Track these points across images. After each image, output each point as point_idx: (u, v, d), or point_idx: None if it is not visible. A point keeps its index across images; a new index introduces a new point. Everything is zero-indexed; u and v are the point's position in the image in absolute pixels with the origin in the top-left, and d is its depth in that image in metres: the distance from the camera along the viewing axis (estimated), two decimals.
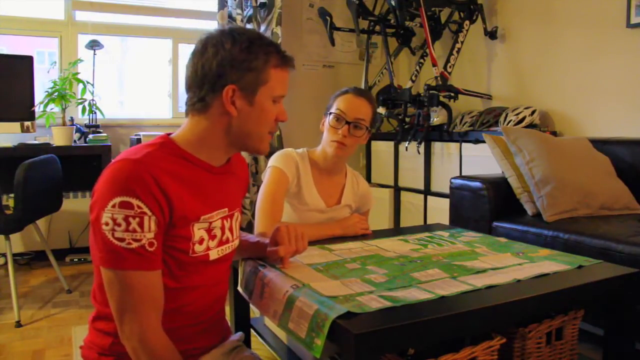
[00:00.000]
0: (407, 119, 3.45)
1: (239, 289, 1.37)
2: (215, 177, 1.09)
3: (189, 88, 1.06)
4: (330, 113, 1.66)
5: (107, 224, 0.91)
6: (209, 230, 1.06)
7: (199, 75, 1.03)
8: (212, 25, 3.71)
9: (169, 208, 0.96)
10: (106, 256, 0.93)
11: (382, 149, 3.69)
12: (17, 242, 3.14)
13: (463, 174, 2.96)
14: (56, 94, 2.93)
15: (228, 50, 1.02)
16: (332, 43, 3.56)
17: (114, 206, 0.91)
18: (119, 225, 0.91)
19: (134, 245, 0.92)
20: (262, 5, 3.55)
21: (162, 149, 1.02)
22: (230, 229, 1.14)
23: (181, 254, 1.02)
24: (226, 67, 1.02)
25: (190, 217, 1.01)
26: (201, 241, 1.05)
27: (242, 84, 1.03)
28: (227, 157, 1.13)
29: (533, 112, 2.90)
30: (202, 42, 1.05)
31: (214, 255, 1.08)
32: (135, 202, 0.92)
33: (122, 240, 0.92)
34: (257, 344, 1.74)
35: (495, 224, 2.23)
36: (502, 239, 1.62)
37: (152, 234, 0.94)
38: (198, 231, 1.04)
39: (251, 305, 1.34)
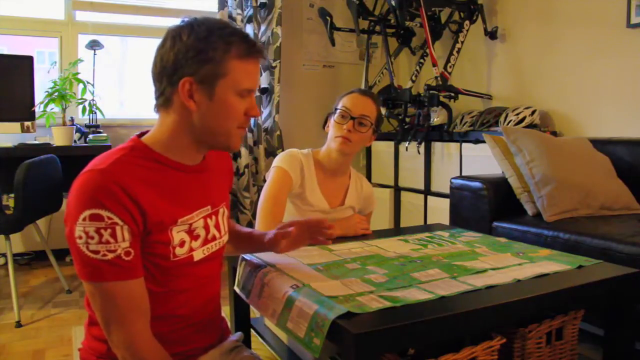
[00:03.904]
0: (407, 119, 3.45)
1: (236, 288, 1.37)
2: (191, 177, 1.06)
3: (153, 82, 1.03)
4: (336, 109, 1.68)
5: (80, 238, 0.90)
6: (190, 232, 1.04)
7: (158, 68, 1.00)
8: None
9: (141, 216, 0.94)
10: (84, 270, 0.91)
11: (382, 149, 3.69)
12: (17, 242, 3.14)
13: (463, 174, 2.96)
14: (56, 94, 2.94)
15: (184, 41, 0.97)
16: (332, 43, 3.56)
17: (84, 219, 0.89)
18: (92, 238, 0.89)
19: (110, 256, 0.90)
20: (262, 5, 3.55)
21: (132, 152, 0.99)
22: (217, 226, 1.12)
23: (161, 260, 0.99)
24: (181, 59, 0.97)
25: (166, 222, 0.99)
26: (182, 244, 1.02)
27: (199, 76, 0.98)
28: (201, 155, 1.09)
29: (533, 112, 2.90)
30: (165, 35, 1.01)
31: (198, 255, 1.06)
32: (104, 213, 0.90)
33: (97, 252, 0.90)
34: (257, 344, 1.74)
35: (495, 224, 2.23)
36: (502, 239, 1.62)
37: (127, 243, 0.92)
38: (177, 234, 1.01)
39: (251, 306, 1.34)
